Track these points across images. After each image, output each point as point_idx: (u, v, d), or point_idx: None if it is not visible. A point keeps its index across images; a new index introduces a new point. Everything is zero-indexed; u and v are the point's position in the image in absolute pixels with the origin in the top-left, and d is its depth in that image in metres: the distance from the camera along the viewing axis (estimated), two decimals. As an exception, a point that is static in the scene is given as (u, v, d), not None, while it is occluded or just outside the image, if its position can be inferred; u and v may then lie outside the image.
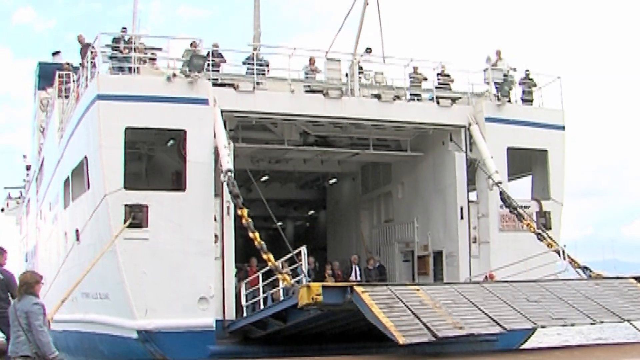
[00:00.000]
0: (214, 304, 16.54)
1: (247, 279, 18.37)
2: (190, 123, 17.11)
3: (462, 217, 19.80)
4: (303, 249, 15.30)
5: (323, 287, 11.62)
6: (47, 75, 28.10)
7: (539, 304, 12.34)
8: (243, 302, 17.54)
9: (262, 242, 14.74)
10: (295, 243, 41.77)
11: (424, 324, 10.68)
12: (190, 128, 17.11)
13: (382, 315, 10.78)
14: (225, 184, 16.48)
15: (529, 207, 20.02)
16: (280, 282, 14.53)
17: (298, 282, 15.13)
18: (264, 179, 26.82)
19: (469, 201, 20.07)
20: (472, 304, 11.76)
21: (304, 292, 11.66)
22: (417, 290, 11.95)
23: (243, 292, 17.67)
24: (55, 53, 31.91)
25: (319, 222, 33.64)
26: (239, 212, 15.50)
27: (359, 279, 21.45)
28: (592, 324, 12.43)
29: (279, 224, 40.21)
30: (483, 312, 11.50)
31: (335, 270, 22.07)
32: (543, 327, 11.85)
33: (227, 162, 16.53)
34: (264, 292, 17.13)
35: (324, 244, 30.35)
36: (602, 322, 12.48)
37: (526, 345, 17.06)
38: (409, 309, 11.11)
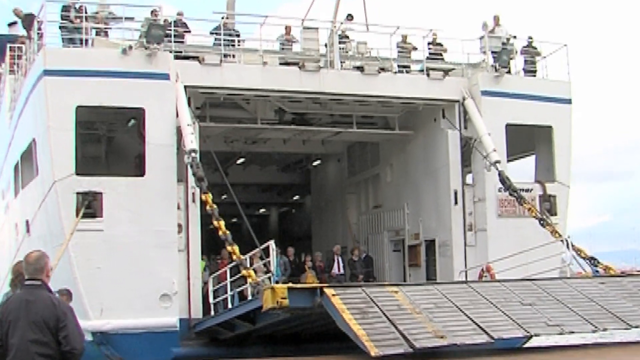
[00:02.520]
0: (178, 301, 16.43)
1: (216, 273, 18.25)
2: (149, 100, 16.86)
3: (456, 202, 19.68)
4: (271, 243, 15.05)
5: (289, 289, 11.35)
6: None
7: (534, 308, 12.11)
8: (211, 300, 17.40)
9: (227, 232, 14.42)
10: (280, 232, 42.42)
11: (401, 332, 10.45)
12: (149, 106, 16.88)
13: (353, 322, 10.55)
14: (188, 166, 16.13)
15: (532, 190, 19.94)
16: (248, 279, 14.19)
17: (270, 278, 14.90)
18: (240, 161, 26.76)
19: (464, 184, 19.98)
20: (457, 308, 11.54)
21: (267, 295, 11.45)
22: (396, 292, 11.69)
23: (211, 288, 17.52)
24: (12, 24, 31.31)
25: (304, 208, 33.69)
26: (203, 197, 15.28)
27: (342, 271, 21.44)
28: (593, 331, 12.10)
29: (262, 210, 41.64)
30: (469, 317, 11.27)
31: (317, 262, 22.00)
32: (537, 335, 11.58)
33: (191, 142, 16.28)
34: (232, 289, 16.93)
35: (310, 232, 30.42)
36: (605, 330, 12.12)
37: (534, 343, 16.87)
38: (384, 314, 10.91)
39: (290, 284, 12.55)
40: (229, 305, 16.41)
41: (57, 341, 5.95)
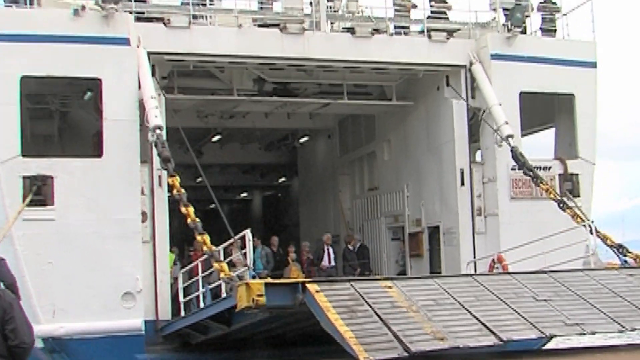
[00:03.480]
0: (143, 300, 16.45)
1: (186, 267, 18.26)
2: (105, 69, 16.71)
3: (462, 183, 19.68)
4: (247, 232, 14.88)
5: (267, 285, 11.23)
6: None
7: (550, 304, 11.98)
8: (181, 298, 17.35)
9: (197, 220, 14.30)
10: (264, 219, 42.44)
11: (394, 333, 10.30)
12: (107, 76, 16.73)
13: (339, 322, 10.38)
14: (153, 145, 16.00)
15: (550, 168, 19.99)
16: (220, 274, 14.11)
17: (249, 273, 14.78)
18: (215, 139, 26.86)
19: (471, 162, 19.95)
20: (460, 305, 11.40)
21: (242, 293, 11.31)
22: (389, 288, 11.54)
23: (180, 285, 17.49)
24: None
25: (291, 192, 33.74)
26: (169, 180, 15.14)
27: (332, 264, 21.43)
28: (620, 331, 11.96)
29: (244, 194, 41.71)
30: (474, 316, 11.14)
31: (304, 253, 22.03)
32: (553, 336, 11.46)
33: (155, 117, 16.13)
34: (205, 286, 16.97)
35: (298, 219, 30.56)
36: (633, 330, 11.99)
37: (552, 345, 16.78)
38: (376, 313, 10.77)
39: (268, 279, 12.38)
40: (202, 304, 16.37)
41: (3, 335, 6.08)
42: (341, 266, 22.33)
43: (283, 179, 34.34)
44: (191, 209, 14.73)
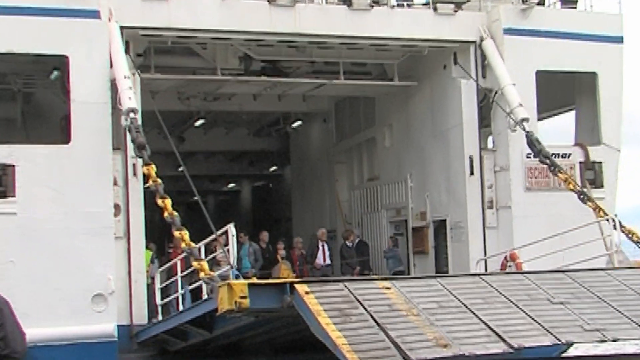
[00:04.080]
0: (116, 303, 16.38)
1: (164, 266, 18.25)
2: (73, 46, 16.59)
3: (472, 172, 19.71)
4: (230, 227, 14.90)
5: (250, 286, 11.09)
6: None
7: (567, 308, 11.88)
8: (158, 300, 17.32)
9: (175, 214, 14.22)
10: (254, 212, 42.49)
11: (392, 340, 10.18)
12: (74, 53, 16.61)
13: (331, 327, 10.25)
14: (126, 130, 15.98)
15: (570, 155, 20.03)
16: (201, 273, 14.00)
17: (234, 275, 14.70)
18: (198, 123, 26.87)
19: (481, 149, 19.96)
20: (467, 308, 11.31)
21: (223, 294, 11.16)
22: (387, 289, 11.46)
23: (158, 285, 17.46)
24: None
25: (283, 182, 33.76)
26: (144, 169, 15.11)
27: (328, 262, 21.47)
28: None
29: (232, 185, 41.81)
30: (481, 320, 11.05)
31: (297, 250, 22.06)
32: (569, 343, 11.36)
33: (129, 99, 16.03)
34: (185, 286, 17.12)
35: (290, 212, 30.79)
36: None
37: (574, 353, 16.64)
38: (372, 317, 10.65)
39: (253, 280, 12.27)
40: (181, 307, 16.36)
41: None
42: (338, 264, 22.42)
43: (274, 168, 34.52)
44: (168, 202, 14.65)
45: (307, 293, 10.97)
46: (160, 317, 16.98)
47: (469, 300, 11.59)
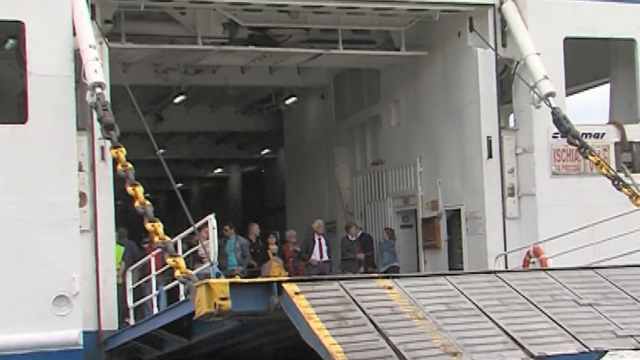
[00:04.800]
0: (81, 306, 16.33)
1: (137, 264, 18.35)
2: (30, 10, 16.49)
3: (490, 155, 19.60)
4: (210, 219, 14.86)
5: (232, 285, 10.91)
6: None
7: (597, 310, 11.82)
8: (129, 302, 17.40)
9: (147, 204, 14.06)
10: (244, 201, 42.58)
11: (394, 347, 10.12)
12: (31, 18, 16.50)
13: (324, 333, 10.18)
14: (92, 107, 15.82)
15: (604, 135, 20.05)
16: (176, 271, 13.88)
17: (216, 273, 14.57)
18: (178, 100, 27.01)
19: (501, 128, 19.85)
20: (480, 310, 11.26)
21: (201, 296, 10.98)
22: (389, 288, 11.41)
23: (129, 286, 17.53)
24: None
25: (277, 167, 33.81)
26: (113, 153, 14.91)
27: (325, 258, 21.55)
28: None
29: (218, 170, 41.91)
30: (497, 324, 10.99)
31: (290, 244, 22.20)
32: (600, 352, 11.29)
33: (95, 72, 15.87)
34: (160, 286, 17.20)
35: (283, 201, 31.08)
36: None
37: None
38: (371, 321, 10.59)
39: (236, 279, 12.15)
40: (155, 310, 16.42)
41: None
42: (338, 261, 22.53)
43: (266, 151, 34.74)
44: (140, 189, 14.42)
45: (297, 294, 10.89)
46: (132, 322, 16.98)
47: (483, 302, 11.53)
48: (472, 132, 19.97)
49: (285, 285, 11.08)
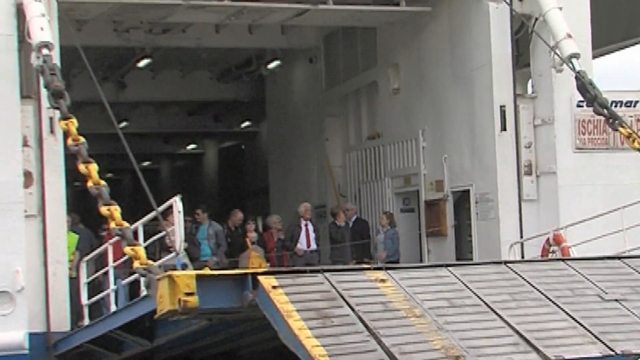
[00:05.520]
0: (27, 304, 16.27)
1: (92, 254, 18.19)
2: None
3: (504, 127, 19.66)
4: (176, 201, 14.78)
5: (199, 278, 10.83)
6: None
7: (624, 306, 11.80)
8: (84, 299, 17.33)
9: (102, 183, 13.97)
10: (222, 181, 42.63)
11: (386, 350, 10.12)
12: None
13: (306, 333, 10.17)
14: (38, 71, 15.72)
15: (636, 103, 20.13)
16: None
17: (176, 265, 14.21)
18: (143, 63, 26.92)
19: (517, 96, 19.86)
20: (488, 306, 11.24)
21: (163, 290, 10.91)
22: (382, 281, 11.42)
23: (84, 280, 17.44)
24: None
25: (259, 142, 33.82)
26: (62, 124, 14.81)
27: (313, 247, 21.65)
28: None
29: (192, 146, 41.88)
30: (507, 323, 10.98)
31: (274, 232, 22.25)
32: (627, 354, 11.21)
33: (41, 30, 15.80)
34: (118, 280, 16.82)
35: (266, 181, 31.12)
36: None
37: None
38: (360, 320, 10.58)
39: (206, 270, 12.08)
40: (113, 308, 16.35)
41: None
42: (328, 250, 22.57)
43: (246, 124, 34.79)
44: (94, 167, 14.33)
45: (274, 288, 10.86)
46: (86, 322, 16.89)
47: (492, 297, 11.50)
48: (483, 101, 19.99)
49: (261, 278, 11.02)
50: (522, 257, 18.27)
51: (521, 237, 19.15)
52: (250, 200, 33.09)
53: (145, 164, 46.55)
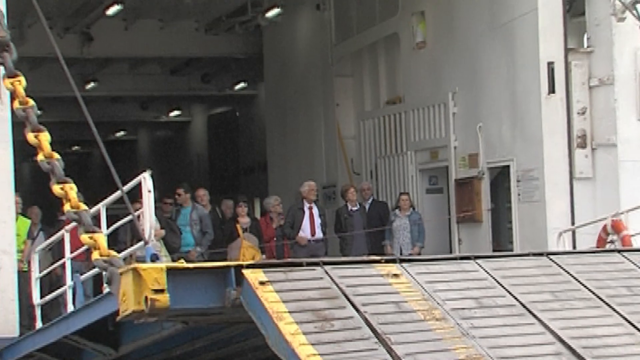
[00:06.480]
0: None
1: (45, 243, 18.22)
2: None
3: (552, 90, 19.60)
4: (145, 178, 14.41)
5: (170, 272, 10.59)
6: None
7: None
8: (35, 299, 17.39)
9: (56, 156, 13.85)
10: (212, 155, 42.68)
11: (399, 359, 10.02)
12: None
13: (300, 339, 9.98)
14: None
15: None
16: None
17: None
18: (112, 11, 26.89)
19: (568, 50, 19.79)
20: (524, 307, 11.06)
21: (127, 287, 10.79)
22: (395, 276, 11.21)
23: (35, 274, 17.49)
24: None
25: (255, 107, 33.90)
26: (6, 84, 14.93)
27: (319, 234, 21.66)
28: None
29: (175, 113, 41.84)
30: (547, 327, 10.77)
31: (273, 217, 22.29)
32: None
33: None
34: (75, 275, 16.56)
35: (264, 156, 31.46)
36: None
37: None
38: (367, 323, 10.38)
39: (180, 263, 11.88)
40: (70, 308, 16.30)
41: None
42: (337, 240, 22.53)
43: (241, 86, 34.71)
44: (45, 137, 14.24)
45: (262, 284, 10.63)
46: (39, 325, 16.88)
47: (529, 296, 11.30)
48: (526, 57, 20.05)
49: (246, 272, 10.79)
50: (574, 248, 18.26)
51: (572, 223, 19.14)
52: (245, 178, 33.04)
53: (119, 134, 46.61)
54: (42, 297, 17.67)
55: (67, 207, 13.86)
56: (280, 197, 23.54)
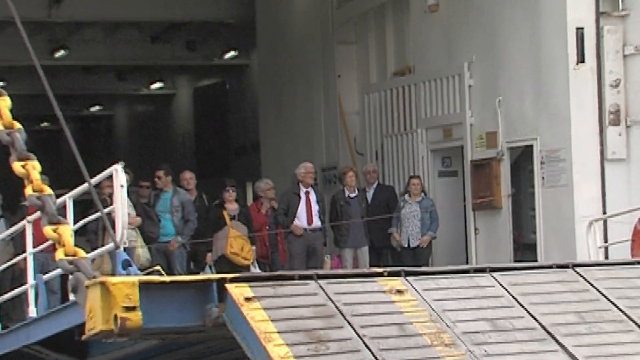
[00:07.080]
0: None
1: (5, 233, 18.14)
2: None
3: (581, 59, 19.61)
4: (117, 172, 14.24)
5: (143, 287, 10.47)
6: None
7: None
8: None
9: (17, 126, 13.71)
10: (199, 133, 42.87)
11: None
12: None
13: None
14: None
15: None
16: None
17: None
18: None
19: (600, 14, 19.75)
20: (546, 331, 10.90)
21: (94, 302, 10.57)
22: (400, 292, 11.09)
23: None
24: None
25: (247, 79, 34.18)
26: None
27: (317, 223, 21.73)
28: None
29: (157, 85, 41.83)
30: (571, 355, 10.57)
31: (266, 201, 22.46)
32: None
33: None
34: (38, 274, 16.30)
35: (256, 134, 31.79)
36: None
37: None
38: (366, 346, 10.26)
39: (152, 276, 11.81)
40: (33, 312, 15.85)
41: None
42: (338, 232, 22.46)
43: (231, 54, 34.80)
44: (4, 102, 14.11)
45: (248, 300, 10.54)
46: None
47: (551, 317, 11.18)
48: (552, 21, 20.06)
49: (229, 287, 10.68)
50: (605, 240, 18.20)
51: (604, 211, 19.17)
52: (236, 159, 33.04)
53: (94, 109, 46.62)
54: (2, 293, 17.52)
55: (28, 189, 13.76)
56: (274, 180, 23.62)
